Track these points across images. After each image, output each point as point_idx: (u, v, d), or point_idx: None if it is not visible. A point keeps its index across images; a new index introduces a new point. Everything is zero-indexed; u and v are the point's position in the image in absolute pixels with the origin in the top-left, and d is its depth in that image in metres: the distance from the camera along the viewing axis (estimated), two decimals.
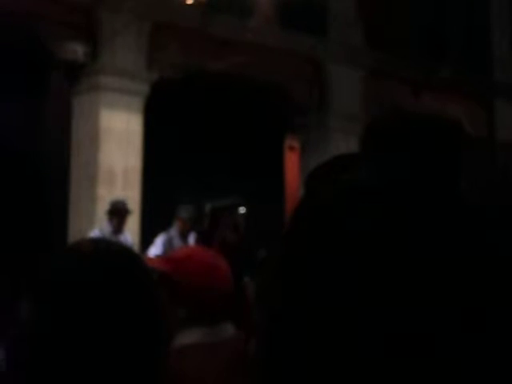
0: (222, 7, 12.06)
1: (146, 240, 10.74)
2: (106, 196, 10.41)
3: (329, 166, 1.70)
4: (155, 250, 9.98)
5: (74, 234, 10.59)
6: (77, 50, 11.01)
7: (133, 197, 10.89)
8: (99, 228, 9.60)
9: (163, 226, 10.23)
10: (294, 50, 12.84)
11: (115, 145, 10.94)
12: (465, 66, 15.14)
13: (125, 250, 1.36)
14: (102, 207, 9.85)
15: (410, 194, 0.68)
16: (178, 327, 2.44)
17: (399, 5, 14.30)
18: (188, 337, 2.44)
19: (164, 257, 2.82)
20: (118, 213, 9.46)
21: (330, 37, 13.47)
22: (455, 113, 13.47)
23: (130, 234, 10.13)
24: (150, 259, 2.74)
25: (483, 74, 15.53)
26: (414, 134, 1.42)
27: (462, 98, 14.91)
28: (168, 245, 9.97)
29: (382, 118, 1.69)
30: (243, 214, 10.92)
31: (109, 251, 1.31)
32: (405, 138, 1.42)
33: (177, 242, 10.02)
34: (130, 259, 1.31)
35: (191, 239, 10.16)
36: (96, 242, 1.43)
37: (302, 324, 0.66)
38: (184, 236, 10.13)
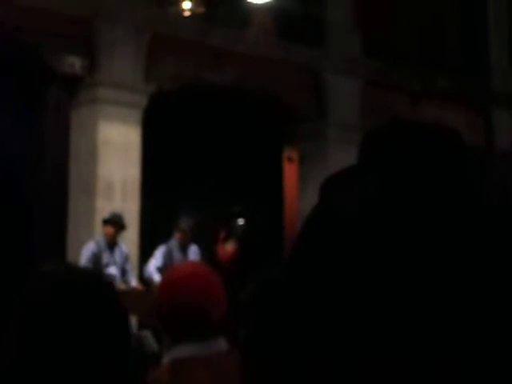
0: (220, 19, 12.09)
1: (145, 251, 10.74)
2: (104, 208, 10.42)
3: (342, 175, 1.70)
4: (155, 262, 9.99)
5: (72, 247, 10.60)
6: (75, 63, 11.03)
7: (131, 209, 10.90)
8: (95, 240, 9.61)
9: (162, 238, 10.24)
10: (292, 61, 12.87)
11: (114, 157, 10.96)
12: (463, 75, 15.18)
13: (93, 276, 1.48)
14: (101, 219, 9.87)
15: (417, 204, 0.68)
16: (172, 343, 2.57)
17: (397, 14, 14.34)
18: (182, 351, 2.51)
19: (166, 275, 2.93)
20: (112, 223, 9.51)
21: (328, 47, 13.50)
22: (454, 121, 13.51)
23: (128, 246, 10.14)
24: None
25: (481, 82, 15.57)
26: (412, 143, 1.41)
27: (460, 107, 14.94)
28: (168, 257, 9.98)
29: (380, 127, 1.69)
30: (242, 224, 10.95)
31: (78, 277, 1.45)
32: (404, 147, 1.41)
33: (176, 254, 10.04)
34: (97, 285, 1.45)
35: (191, 251, 10.18)
36: (68, 267, 1.58)
37: (312, 329, 0.66)
38: (184, 248, 10.14)
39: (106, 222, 9.59)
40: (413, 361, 0.63)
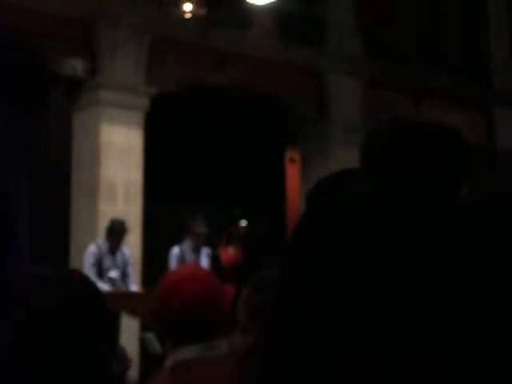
0: (221, 20, 12.09)
1: (148, 254, 10.74)
2: (107, 211, 10.42)
3: (332, 179, 1.71)
4: (172, 265, 9.99)
5: (75, 249, 10.60)
6: (76, 66, 11.04)
7: (134, 211, 10.90)
8: (96, 244, 9.58)
9: (165, 241, 10.25)
10: (294, 62, 12.86)
11: (116, 160, 10.96)
12: (464, 75, 15.17)
13: (79, 279, 1.47)
14: (104, 222, 9.87)
15: (409, 207, 0.67)
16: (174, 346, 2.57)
17: (398, 14, 14.33)
18: (183, 354, 2.52)
19: (165, 278, 2.91)
20: (113, 233, 9.48)
21: (330, 47, 13.50)
22: (455, 121, 13.50)
23: (131, 249, 10.12)
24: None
25: (483, 82, 15.55)
26: (414, 144, 1.41)
27: (461, 107, 14.93)
28: (180, 259, 10.00)
29: (382, 129, 1.69)
30: (244, 226, 10.93)
31: (65, 281, 1.45)
32: (405, 148, 1.41)
33: (189, 256, 10.07)
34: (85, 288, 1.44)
35: (203, 254, 10.21)
36: (56, 271, 1.57)
37: (303, 343, 0.66)
38: (197, 250, 10.17)
39: (109, 231, 9.53)
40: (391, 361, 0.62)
